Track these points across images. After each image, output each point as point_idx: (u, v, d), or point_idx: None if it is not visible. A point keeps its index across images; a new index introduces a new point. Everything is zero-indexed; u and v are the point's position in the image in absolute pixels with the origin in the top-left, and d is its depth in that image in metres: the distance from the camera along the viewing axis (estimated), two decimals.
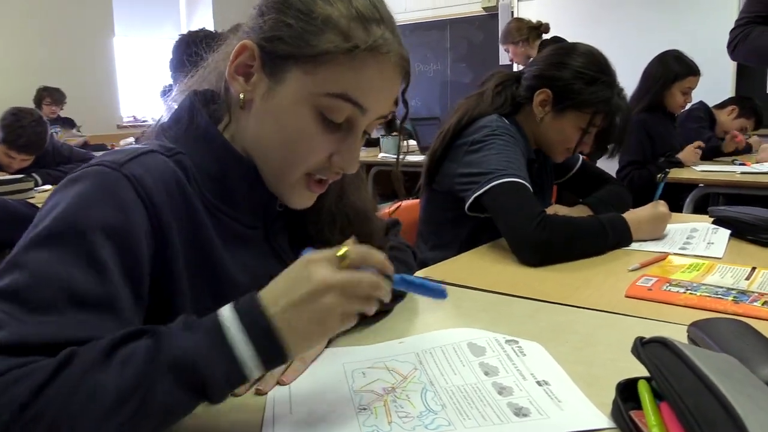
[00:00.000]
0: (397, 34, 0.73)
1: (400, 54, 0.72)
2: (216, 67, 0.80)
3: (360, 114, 0.72)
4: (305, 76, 0.70)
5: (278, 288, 0.57)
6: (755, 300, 0.95)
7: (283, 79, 0.71)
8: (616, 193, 1.64)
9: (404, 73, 0.75)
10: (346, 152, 0.74)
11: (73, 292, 0.57)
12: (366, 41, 0.69)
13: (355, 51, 0.68)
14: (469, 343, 0.79)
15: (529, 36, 3.79)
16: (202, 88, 0.80)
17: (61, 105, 5.07)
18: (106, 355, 0.51)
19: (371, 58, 0.69)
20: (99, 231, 0.60)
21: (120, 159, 0.66)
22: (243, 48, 0.72)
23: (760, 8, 1.63)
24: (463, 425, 0.61)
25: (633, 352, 0.62)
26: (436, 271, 1.20)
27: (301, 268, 0.57)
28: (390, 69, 0.72)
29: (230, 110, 0.76)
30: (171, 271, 0.68)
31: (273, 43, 0.70)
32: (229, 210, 0.75)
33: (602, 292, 1.04)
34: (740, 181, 2.53)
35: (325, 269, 0.57)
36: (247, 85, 0.73)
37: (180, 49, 2.29)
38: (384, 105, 0.74)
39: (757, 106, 3.56)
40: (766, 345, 0.69)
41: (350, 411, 0.64)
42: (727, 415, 0.47)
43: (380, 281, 0.59)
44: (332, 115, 0.71)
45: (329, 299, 0.56)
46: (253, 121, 0.74)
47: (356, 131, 0.74)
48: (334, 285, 0.56)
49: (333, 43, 0.68)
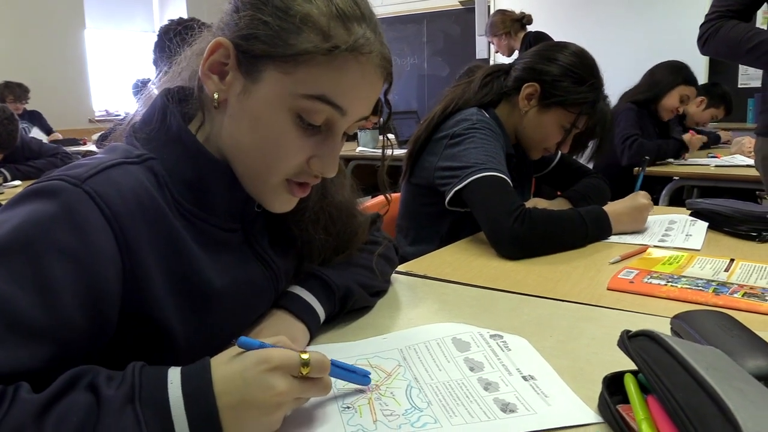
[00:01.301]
0: (380, 32, 0.70)
1: (381, 54, 0.70)
2: (189, 64, 0.76)
3: (339, 116, 0.69)
4: (282, 77, 0.66)
5: (232, 379, 0.55)
6: (735, 291, 0.95)
7: (260, 78, 0.67)
8: (596, 186, 1.64)
9: (386, 74, 0.72)
10: (325, 156, 0.71)
11: (15, 316, 0.53)
12: (347, 41, 0.66)
13: (335, 51, 0.65)
14: (453, 339, 0.78)
15: (512, 28, 3.81)
16: (175, 85, 0.76)
17: (25, 100, 4.94)
18: (39, 415, 0.49)
19: (352, 58, 0.67)
20: (55, 253, 0.56)
21: (82, 174, 0.61)
22: (217, 45, 0.68)
23: (731, 2, 1.64)
24: (449, 422, 0.60)
25: (620, 345, 0.61)
26: (417, 265, 1.19)
27: (260, 372, 0.55)
28: (371, 70, 0.69)
29: (204, 110, 0.72)
30: (146, 289, 0.64)
31: (249, 42, 0.67)
32: (204, 215, 0.71)
33: (584, 285, 1.04)
34: (714, 174, 2.56)
35: (286, 382, 0.56)
36: (221, 84, 0.69)
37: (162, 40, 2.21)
38: (364, 107, 0.71)
39: (725, 92, 3.60)
40: (751, 337, 0.69)
41: (334, 410, 0.63)
42: (718, 410, 0.46)
43: (329, 386, 0.61)
44: (310, 118, 0.68)
45: (283, 410, 0.56)
46: (229, 122, 0.70)
47: (336, 134, 0.71)
48: (293, 397, 0.57)
49: (312, 42, 0.65)
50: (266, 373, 0.55)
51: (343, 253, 0.90)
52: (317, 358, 0.58)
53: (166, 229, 0.66)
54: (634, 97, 2.87)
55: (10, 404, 0.49)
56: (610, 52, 2.88)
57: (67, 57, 5.83)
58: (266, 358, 0.56)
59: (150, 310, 0.65)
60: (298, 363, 0.56)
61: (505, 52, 3.93)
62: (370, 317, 0.91)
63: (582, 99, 1.42)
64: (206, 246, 0.71)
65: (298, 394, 0.57)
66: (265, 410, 0.55)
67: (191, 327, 0.69)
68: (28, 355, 0.53)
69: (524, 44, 3.73)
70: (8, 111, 2.92)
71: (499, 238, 1.25)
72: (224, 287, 0.72)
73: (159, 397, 0.53)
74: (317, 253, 0.86)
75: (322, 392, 0.60)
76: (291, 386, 0.56)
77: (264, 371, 0.55)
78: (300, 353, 0.57)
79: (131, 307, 0.63)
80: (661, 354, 0.56)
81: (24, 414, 0.49)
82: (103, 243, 0.60)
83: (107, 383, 0.53)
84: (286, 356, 0.56)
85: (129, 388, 0.53)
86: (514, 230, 1.22)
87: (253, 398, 0.54)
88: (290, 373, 0.56)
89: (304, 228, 0.83)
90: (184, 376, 0.55)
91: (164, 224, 0.66)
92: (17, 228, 0.57)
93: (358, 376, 0.66)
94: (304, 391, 0.58)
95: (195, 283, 0.69)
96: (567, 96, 1.42)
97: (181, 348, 0.68)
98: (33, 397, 0.51)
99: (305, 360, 0.57)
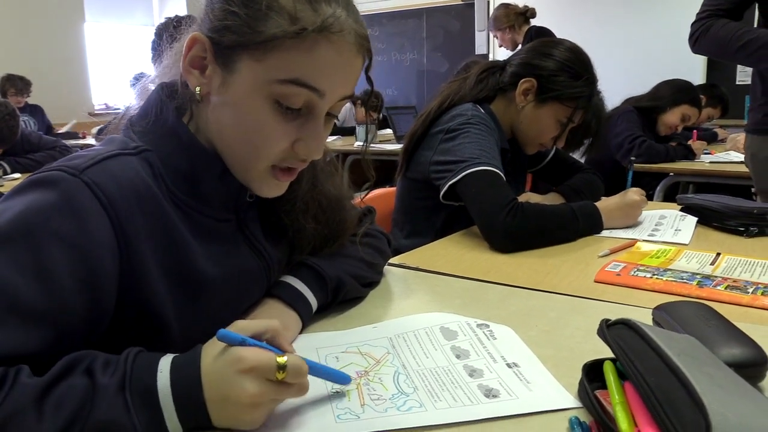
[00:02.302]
0: (353, 10, 0.70)
1: (355, 32, 0.69)
2: (177, 60, 0.77)
3: (318, 98, 0.70)
4: (256, 64, 0.67)
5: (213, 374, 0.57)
6: (719, 284, 0.97)
7: (235, 69, 0.69)
8: (589, 181, 1.67)
9: (364, 51, 0.72)
10: (309, 138, 0.72)
11: (16, 301, 0.55)
12: (314, 22, 0.66)
13: (303, 33, 0.65)
14: (441, 328, 0.81)
15: (516, 22, 3.79)
16: (167, 80, 0.78)
17: (27, 94, 4.94)
18: (39, 398, 0.52)
19: (323, 39, 0.67)
20: (54, 240, 0.59)
21: (81, 165, 0.63)
22: (193, 41, 0.70)
23: (721, 1, 1.66)
24: (434, 407, 0.62)
25: (599, 333, 0.64)
26: (410, 258, 1.21)
27: (234, 373, 0.56)
28: (346, 48, 0.69)
29: (190, 104, 0.74)
30: (142, 276, 0.66)
31: (221, 34, 0.68)
32: (199, 205, 0.74)
33: (572, 278, 1.06)
34: (709, 170, 2.58)
35: (257, 384, 0.56)
36: (202, 78, 0.71)
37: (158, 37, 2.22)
38: (344, 86, 0.72)
39: (723, 93, 3.61)
40: (728, 327, 0.71)
41: (323, 395, 0.65)
42: (687, 393, 0.49)
43: (306, 388, 0.60)
44: (288, 102, 0.69)
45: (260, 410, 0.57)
46: (213, 115, 0.72)
47: (317, 116, 0.72)
48: (266, 398, 0.57)
49: (279, 27, 0.66)
50: (239, 374, 0.56)
51: (334, 242, 0.92)
52: (294, 363, 0.57)
53: (161, 218, 0.69)
54: (637, 103, 2.88)
55: (10, 387, 0.52)
56: (608, 50, 2.89)
57: (67, 50, 5.84)
58: (240, 359, 0.56)
59: (145, 297, 0.67)
60: (274, 367, 0.56)
61: (509, 45, 3.91)
62: (361, 307, 0.93)
63: (578, 93, 1.44)
64: (200, 236, 0.73)
65: (272, 397, 0.58)
66: (240, 409, 0.56)
67: (185, 314, 0.71)
68: (28, 338, 0.56)
69: (526, 38, 3.72)
70: (10, 107, 2.93)
71: (492, 231, 1.28)
72: (218, 276, 0.74)
73: (148, 386, 0.55)
74: (307, 242, 0.88)
75: (298, 395, 0.60)
76: (263, 389, 0.56)
77: (237, 372, 0.56)
78: (277, 357, 0.57)
79: (127, 293, 0.65)
80: (636, 341, 0.58)
81: (24, 397, 0.52)
82: (101, 231, 0.62)
83: (103, 370, 0.56)
84: (261, 359, 0.56)
85: (121, 376, 0.55)
86: (506, 224, 1.24)
87: (228, 396, 0.56)
88: (264, 377, 0.56)
89: (295, 217, 0.85)
90: (174, 365, 0.57)
91: (160, 214, 0.68)
92: (18, 216, 0.59)
93: (336, 374, 0.66)
94: (278, 393, 0.58)
95: (189, 272, 0.71)
96: (563, 90, 1.44)
97: (176, 335, 0.70)
98: (33, 381, 0.53)
99: (281, 364, 0.56)
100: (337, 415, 0.61)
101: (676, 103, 2.83)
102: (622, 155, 2.71)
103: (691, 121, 2.87)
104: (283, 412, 0.61)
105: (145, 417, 0.54)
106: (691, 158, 2.76)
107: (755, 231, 1.31)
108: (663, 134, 2.92)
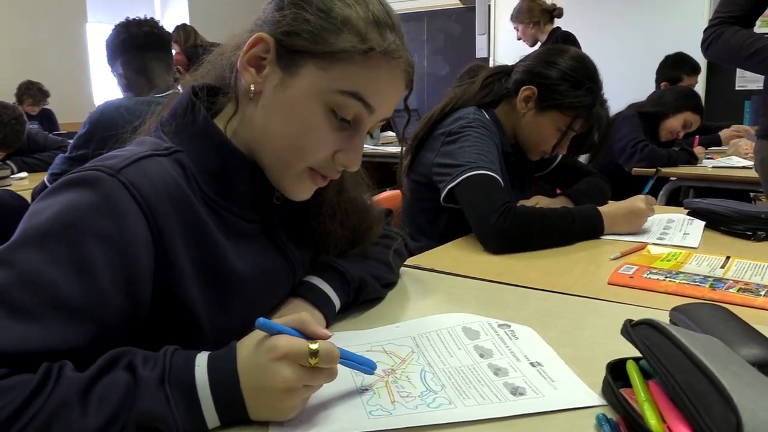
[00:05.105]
0: (405, 42, 0.76)
1: (408, 61, 0.76)
2: (215, 65, 0.81)
3: (367, 114, 0.74)
4: (320, 72, 0.71)
5: (248, 364, 0.59)
6: (731, 287, 0.99)
7: (297, 73, 0.72)
8: (596, 185, 1.69)
9: (408, 80, 0.78)
10: (350, 151, 0.76)
11: (58, 297, 0.57)
12: (381, 45, 0.71)
13: (371, 53, 0.71)
14: (463, 327, 0.82)
15: (541, 18, 3.70)
16: (202, 83, 0.80)
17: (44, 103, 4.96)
18: (83, 393, 0.53)
19: (384, 61, 0.72)
20: (93, 238, 0.60)
21: (117, 165, 0.65)
22: (258, 40, 0.72)
23: (733, 8, 1.69)
24: (463, 404, 0.64)
25: (623, 333, 0.65)
26: (424, 259, 1.23)
27: (269, 360, 0.58)
28: (399, 74, 0.75)
29: (238, 101, 0.77)
30: (176, 275, 0.68)
31: (290, 38, 0.71)
32: (229, 205, 0.76)
33: (586, 280, 1.08)
34: (712, 175, 2.61)
35: (291, 370, 0.58)
36: (258, 77, 0.73)
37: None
38: (388, 108, 0.77)
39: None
40: (745, 327, 0.73)
41: (353, 392, 0.67)
42: (716, 390, 0.51)
43: (336, 373, 0.62)
44: (342, 112, 0.73)
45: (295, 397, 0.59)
46: (262, 112, 0.75)
47: (361, 130, 0.76)
48: (299, 388, 0.59)
49: (350, 43, 0.70)
50: (274, 361, 0.58)
51: (358, 246, 0.94)
52: (326, 348, 0.59)
53: (192, 217, 0.70)
54: (640, 108, 2.91)
55: (55, 382, 0.53)
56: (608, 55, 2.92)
57: (69, 51, 5.83)
58: (275, 346, 0.58)
59: (178, 294, 0.69)
60: (306, 353, 0.58)
61: (529, 41, 3.82)
62: (381, 307, 0.95)
63: (578, 102, 1.46)
64: (229, 235, 0.75)
65: (306, 382, 0.59)
66: (275, 396, 0.58)
67: (216, 312, 0.73)
68: (69, 334, 0.57)
69: (551, 39, 3.64)
70: (18, 111, 2.94)
71: (484, 233, 1.31)
72: (246, 274, 0.76)
73: (187, 379, 0.57)
74: (333, 246, 0.90)
75: (329, 379, 0.62)
76: (297, 374, 0.58)
77: (272, 359, 0.58)
78: (309, 343, 0.59)
79: (161, 291, 0.67)
80: (662, 341, 0.60)
81: (69, 391, 0.53)
82: (138, 229, 0.64)
83: (143, 364, 0.57)
84: (293, 345, 0.58)
85: (161, 370, 0.57)
86: (498, 226, 1.26)
87: (264, 384, 0.58)
88: (297, 362, 0.58)
89: (321, 221, 0.87)
90: (211, 359, 0.59)
91: (191, 213, 0.70)
92: (58, 214, 0.61)
93: (365, 366, 0.68)
94: (311, 379, 0.59)
95: (219, 270, 0.73)
96: (563, 99, 1.46)
97: (206, 332, 0.72)
98: (77, 375, 0.55)
99: (314, 350, 0.58)
100: (369, 411, 0.63)
101: (679, 109, 2.85)
102: (625, 159, 2.74)
103: (693, 127, 2.90)
104: (315, 408, 0.63)
105: (184, 409, 0.56)
106: (693, 163, 2.79)
107: (763, 235, 1.33)
108: (664, 139, 2.94)
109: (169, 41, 2.02)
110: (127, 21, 1.98)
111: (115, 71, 1.97)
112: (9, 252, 0.58)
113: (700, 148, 2.90)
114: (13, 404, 0.51)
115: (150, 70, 1.94)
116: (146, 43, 1.93)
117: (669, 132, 2.90)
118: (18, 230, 0.61)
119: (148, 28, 1.95)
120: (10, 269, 0.57)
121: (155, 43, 1.95)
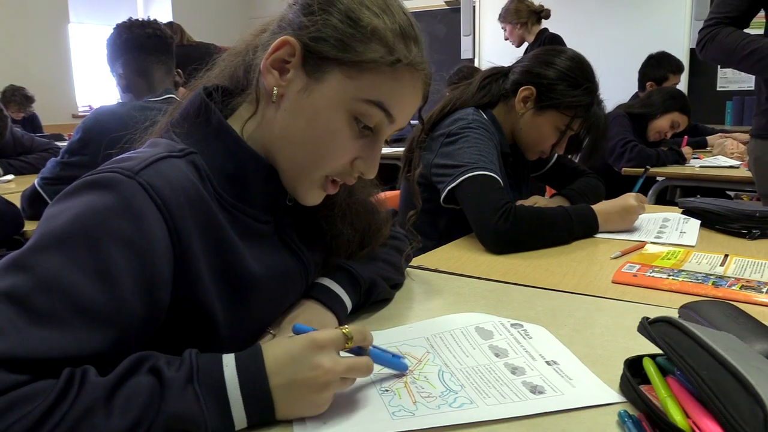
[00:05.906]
0: (425, 55, 0.77)
1: (428, 73, 0.77)
2: (228, 65, 0.80)
3: (388, 123, 0.75)
4: (346, 80, 0.71)
5: (282, 360, 0.60)
6: (733, 284, 1.01)
7: (323, 79, 0.72)
8: (591, 185, 1.71)
9: (425, 92, 0.79)
10: (369, 158, 0.77)
11: (78, 302, 0.56)
12: (407, 57, 0.72)
13: (398, 64, 0.72)
14: (476, 327, 0.83)
15: (529, 19, 3.75)
16: (212, 83, 0.80)
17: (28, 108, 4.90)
18: (107, 397, 0.53)
19: (408, 73, 0.73)
20: (114, 241, 0.59)
21: (135, 167, 0.64)
22: (284, 43, 0.72)
23: (728, 9, 1.72)
24: (484, 403, 0.65)
25: (640, 331, 0.66)
26: (428, 260, 1.23)
27: (308, 352, 0.60)
28: (419, 86, 0.76)
29: (258, 103, 0.76)
30: (194, 277, 0.67)
31: (318, 43, 0.71)
32: (243, 206, 0.75)
33: (590, 279, 1.09)
34: (699, 174, 2.65)
35: (331, 359, 0.61)
36: (281, 80, 0.73)
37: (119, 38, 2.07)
38: (407, 117, 0.77)
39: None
40: (755, 323, 0.74)
41: (374, 393, 0.67)
42: (741, 385, 0.52)
43: (372, 365, 0.65)
44: (366, 120, 0.73)
45: (332, 388, 0.61)
46: (282, 116, 0.74)
47: (380, 139, 0.77)
48: (339, 375, 0.61)
49: (378, 53, 0.71)
50: (314, 352, 0.60)
51: (368, 247, 0.94)
52: (356, 329, 0.65)
53: (209, 219, 0.70)
54: (628, 109, 2.94)
55: (79, 387, 0.53)
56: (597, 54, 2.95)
57: (51, 52, 5.77)
58: (314, 339, 0.61)
59: (196, 296, 0.68)
60: (342, 338, 0.63)
61: (516, 41, 3.87)
62: (391, 308, 0.95)
63: (576, 102, 1.47)
64: (244, 236, 0.75)
65: (343, 372, 0.61)
66: (313, 388, 0.60)
67: (232, 313, 0.72)
68: (91, 339, 0.57)
69: (538, 41, 3.69)
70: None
71: (484, 234, 1.32)
72: (261, 275, 0.75)
73: (216, 378, 0.57)
74: (344, 248, 0.90)
75: (365, 372, 0.65)
76: (336, 363, 0.61)
77: (312, 351, 0.60)
78: (342, 329, 0.64)
79: (180, 293, 0.67)
80: (681, 337, 0.61)
81: (94, 395, 0.53)
82: (157, 231, 0.63)
83: (168, 366, 0.57)
84: (331, 335, 0.62)
85: (189, 370, 0.57)
86: (498, 226, 1.28)
87: (302, 377, 0.59)
88: (337, 349, 0.62)
89: (333, 223, 0.87)
90: (239, 359, 0.59)
91: (207, 215, 0.70)
92: (76, 217, 0.59)
93: (397, 360, 0.70)
94: (348, 368, 0.62)
95: (236, 271, 0.73)
96: (562, 99, 1.47)
97: (222, 333, 0.71)
98: (101, 380, 0.54)
99: (347, 333, 0.63)
100: (392, 412, 0.63)
101: (667, 110, 2.89)
102: (615, 159, 2.77)
103: (680, 127, 2.94)
104: (338, 410, 0.63)
105: (213, 408, 0.56)
106: (681, 162, 2.83)
107: (758, 234, 1.35)
108: (652, 140, 2.98)
109: (171, 45, 2.00)
110: (130, 21, 1.96)
111: (115, 71, 1.94)
112: (28, 256, 0.57)
113: (688, 148, 2.95)
114: (38, 410, 0.50)
115: (151, 73, 1.92)
116: (149, 45, 1.91)
117: (657, 132, 2.94)
118: (36, 234, 0.60)
119: (152, 30, 1.93)
120: (29, 274, 0.56)
121: (158, 46, 1.93)
